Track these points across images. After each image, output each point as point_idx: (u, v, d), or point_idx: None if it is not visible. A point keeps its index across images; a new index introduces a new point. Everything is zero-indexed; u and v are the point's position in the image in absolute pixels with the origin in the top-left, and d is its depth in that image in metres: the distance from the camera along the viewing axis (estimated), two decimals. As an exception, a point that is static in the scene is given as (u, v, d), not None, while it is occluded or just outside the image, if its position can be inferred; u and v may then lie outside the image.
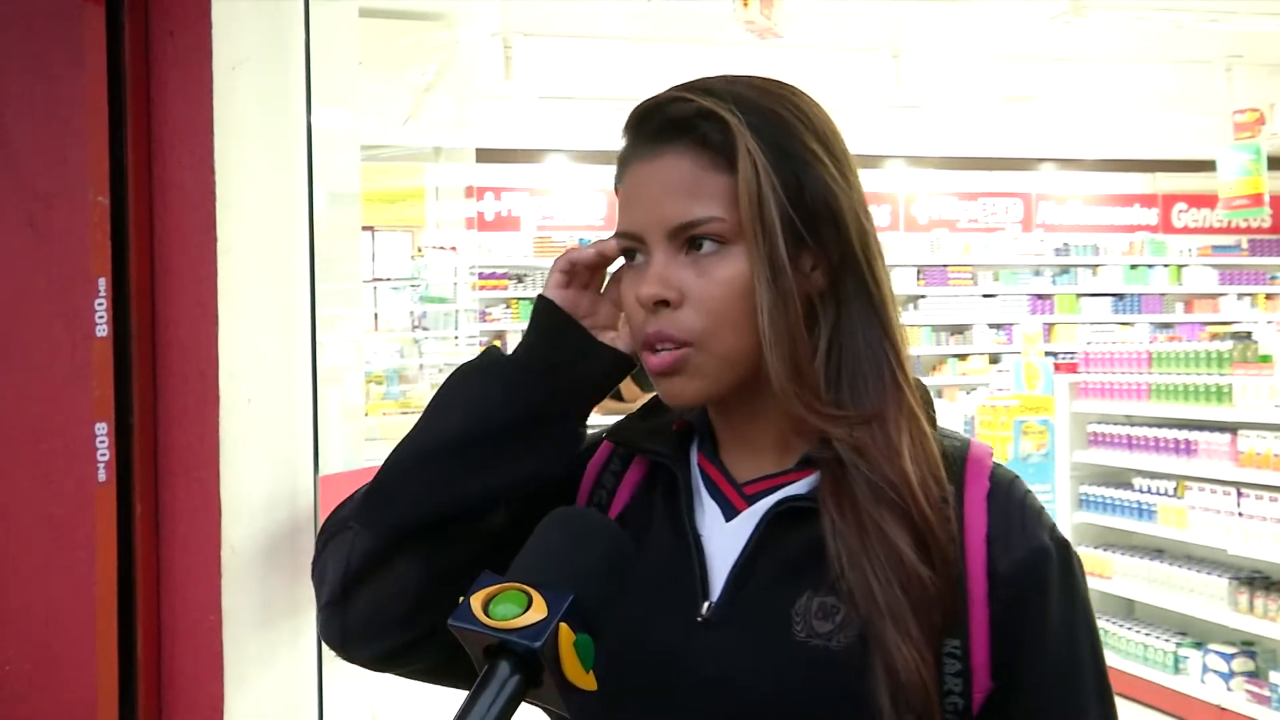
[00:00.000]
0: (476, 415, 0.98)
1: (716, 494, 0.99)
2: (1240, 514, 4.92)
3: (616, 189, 1.01)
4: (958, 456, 0.96)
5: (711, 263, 0.93)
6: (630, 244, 0.97)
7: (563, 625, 0.74)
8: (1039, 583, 0.93)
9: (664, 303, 0.94)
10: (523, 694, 0.74)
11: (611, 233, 1.00)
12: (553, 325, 1.01)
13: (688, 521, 0.97)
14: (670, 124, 0.95)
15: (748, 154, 0.91)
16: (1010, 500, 0.95)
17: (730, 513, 0.98)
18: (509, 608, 0.75)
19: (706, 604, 0.94)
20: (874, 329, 0.95)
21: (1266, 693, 4.82)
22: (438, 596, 0.94)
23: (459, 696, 0.75)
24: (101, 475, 1.73)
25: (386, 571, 0.96)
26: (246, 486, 1.84)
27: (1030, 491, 0.98)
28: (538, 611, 0.74)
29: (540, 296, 1.02)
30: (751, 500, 0.97)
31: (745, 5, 5.11)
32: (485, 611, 0.75)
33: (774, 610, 0.92)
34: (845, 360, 0.94)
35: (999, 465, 0.98)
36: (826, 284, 0.95)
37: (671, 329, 0.93)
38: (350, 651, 1.02)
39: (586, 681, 0.76)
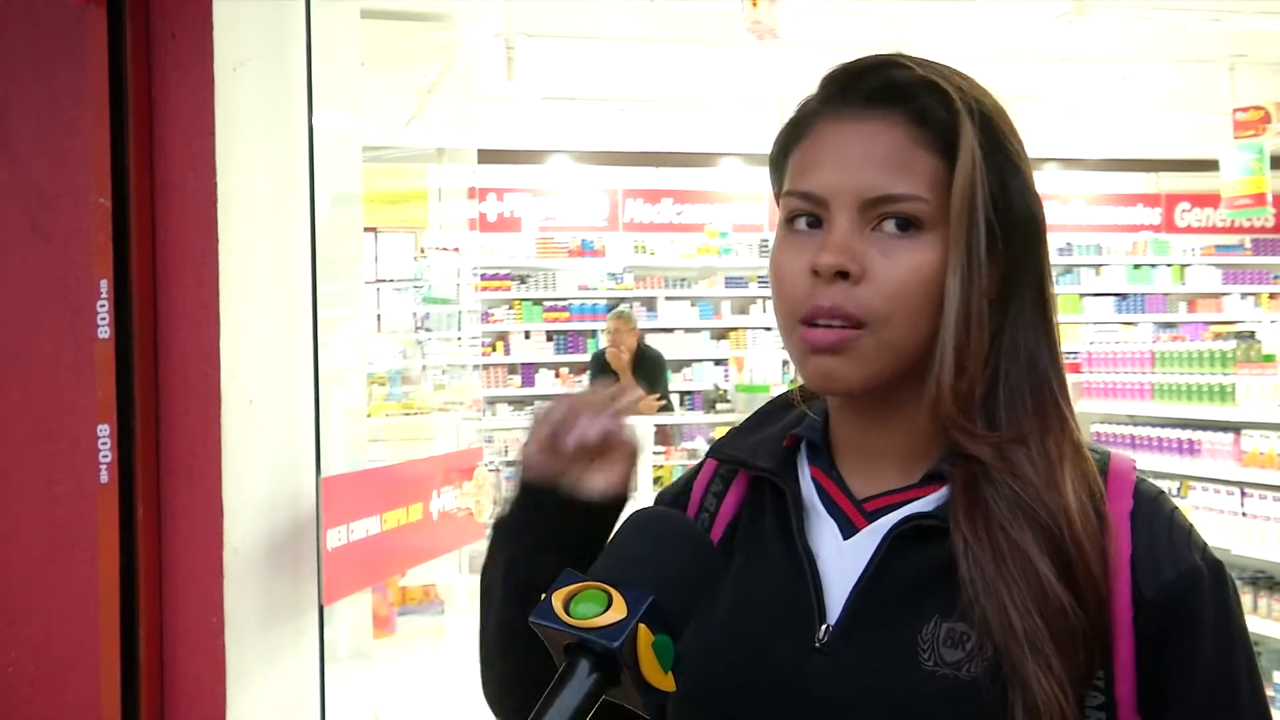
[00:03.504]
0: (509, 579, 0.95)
1: (834, 510, 0.93)
2: (1244, 514, 4.90)
3: (791, 147, 0.93)
4: (1099, 471, 0.89)
5: (899, 245, 0.86)
6: (807, 206, 0.89)
7: (642, 626, 0.74)
8: (1189, 609, 0.85)
9: (844, 275, 0.86)
10: (601, 693, 0.74)
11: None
12: (530, 507, 0.95)
13: (799, 540, 0.92)
14: (888, 88, 0.88)
15: (971, 138, 0.86)
16: (1156, 518, 0.88)
17: (849, 530, 0.92)
18: (589, 607, 0.75)
19: (824, 627, 0.89)
20: (1041, 348, 0.90)
21: (1271, 693, 4.81)
22: None
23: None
24: (104, 477, 1.73)
25: (519, 643, 0.91)
26: (248, 488, 1.84)
27: (1178, 509, 0.90)
28: (617, 611, 0.74)
29: (519, 482, 0.97)
30: (872, 517, 0.91)
31: (755, 5, 5.10)
32: (566, 610, 0.75)
33: (899, 636, 0.86)
34: (1006, 375, 0.89)
35: (1143, 480, 0.91)
36: (996, 293, 0.90)
37: (849, 304, 0.86)
38: (499, 713, 1.02)
39: (665, 682, 0.75)
